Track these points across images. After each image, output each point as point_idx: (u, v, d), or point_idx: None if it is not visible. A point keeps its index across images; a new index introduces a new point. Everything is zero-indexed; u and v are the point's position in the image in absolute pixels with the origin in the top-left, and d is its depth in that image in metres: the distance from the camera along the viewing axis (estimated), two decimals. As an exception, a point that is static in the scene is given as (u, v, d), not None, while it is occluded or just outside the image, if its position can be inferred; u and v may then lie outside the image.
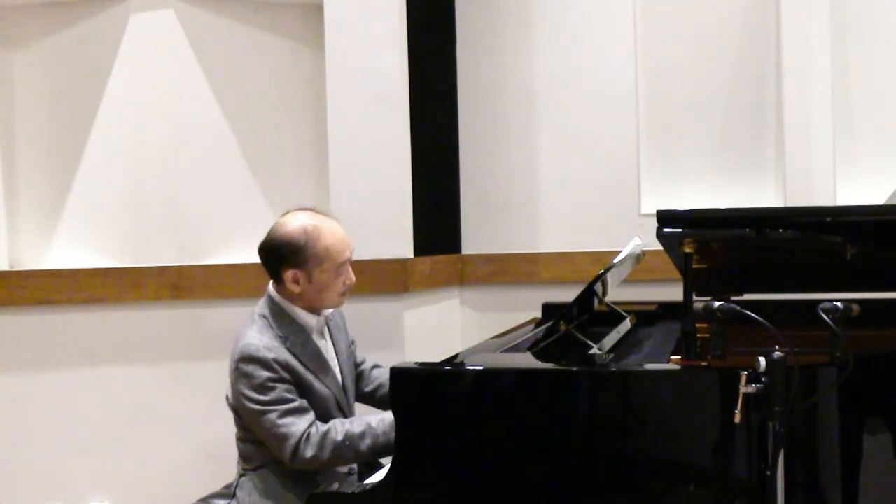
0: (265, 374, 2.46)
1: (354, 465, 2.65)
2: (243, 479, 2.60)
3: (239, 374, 2.48)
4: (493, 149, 4.04)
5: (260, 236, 3.53)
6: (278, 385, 2.46)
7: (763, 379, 1.99)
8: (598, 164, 3.95)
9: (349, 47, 3.39)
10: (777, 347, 2.01)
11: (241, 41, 3.56)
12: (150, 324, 3.43)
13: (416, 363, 2.34)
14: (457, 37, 4.05)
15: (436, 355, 2.46)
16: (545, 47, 3.99)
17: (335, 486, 2.57)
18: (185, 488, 2.95)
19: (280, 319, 2.58)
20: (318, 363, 2.60)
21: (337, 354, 2.73)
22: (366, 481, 2.54)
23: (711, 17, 3.91)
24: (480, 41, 4.04)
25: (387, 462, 2.40)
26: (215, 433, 3.36)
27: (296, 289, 2.57)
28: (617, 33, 3.93)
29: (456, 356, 2.50)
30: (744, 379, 2.00)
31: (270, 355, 2.47)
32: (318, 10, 3.44)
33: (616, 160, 3.94)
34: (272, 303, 2.61)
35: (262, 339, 2.50)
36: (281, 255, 2.57)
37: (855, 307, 2.16)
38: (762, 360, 2.00)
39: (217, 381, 3.37)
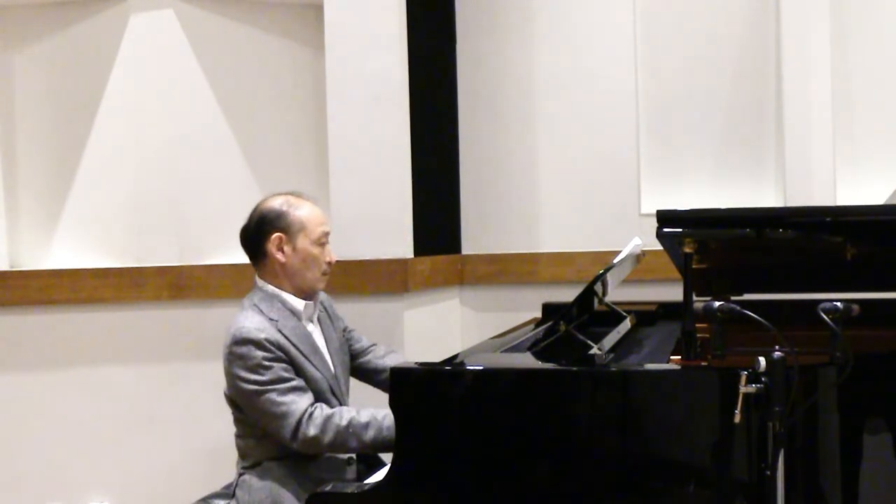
0: (260, 353, 2.46)
1: (354, 467, 2.66)
2: (242, 478, 2.60)
3: (233, 358, 2.48)
4: (493, 149, 4.04)
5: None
6: (274, 364, 2.47)
7: (763, 379, 1.99)
8: (598, 164, 3.95)
9: (349, 47, 3.39)
10: (777, 347, 2.01)
11: (241, 41, 3.57)
12: (150, 324, 3.43)
13: (416, 363, 2.34)
14: (457, 37, 4.05)
15: (436, 355, 2.46)
16: (545, 47, 4.00)
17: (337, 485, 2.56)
18: (185, 488, 2.95)
19: (270, 305, 2.60)
20: (308, 346, 2.60)
21: (327, 343, 2.73)
22: (366, 481, 2.54)
23: (711, 17, 3.91)
24: (480, 41, 4.04)
25: (387, 461, 2.40)
26: (215, 433, 3.37)
27: (280, 257, 2.61)
28: (617, 34, 3.94)
29: (456, 356, 2.50)
30: (744, 379, 2.00)
31: (262, 335, 2.48)
32: (318, 10, 3.44)
33: (616, 160, 3.94)
34: (261, 291, 2.64)
35: (252, 322, 2.52)
36: (264, 222, 2.63)
37: (855, 307, 2.15)
38: (762, 360, 2.00)
39: (217, 381, 3.39)
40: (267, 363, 2.46)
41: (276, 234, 2.61)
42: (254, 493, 2.55)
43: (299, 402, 2.45)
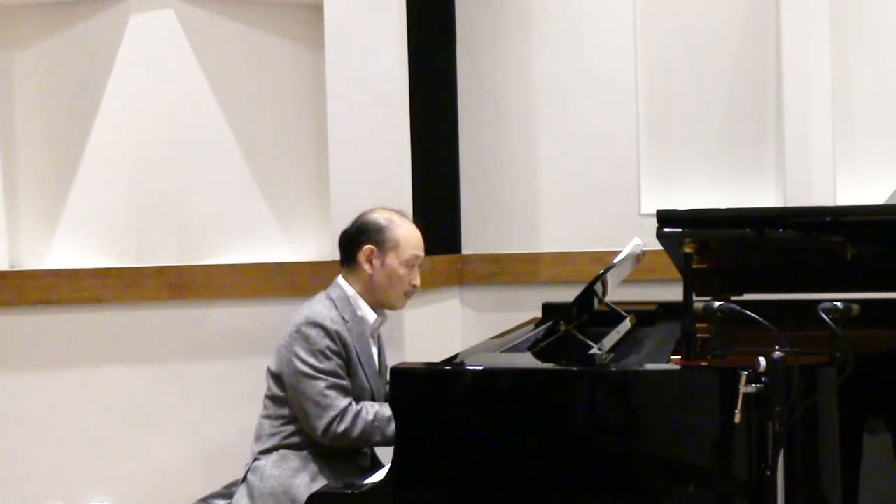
0: (326, 341, 2.57)
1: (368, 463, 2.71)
2: (256, 463, 2.63)
3: (299, 337, 2.58)
4: (494, 149, 4.05)
5: (260, 236, 3.57)
6: (335, 357, 2.58)
7: (763, 379, 1.99)
8: (598, 164, 3.96)
9: (349, 47, 3.39)
10: (777, 347, 2.01)
11: (241, 41, 3.56)
12: (150, 324, 3.43)
13: (416, 363, 2.34)
14: (457, 37, 4.05)
15: (436, 355, 2.47)
16: (545, 47, 4.00)
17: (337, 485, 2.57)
18: (185, 488, 2.96)
19: (344, 305, 2.69)
20: (367, 356, 2.70)
21: (379, 360, 2.82)
22: (365, 481, 2.54)
23: (711, 16, 3.92)
24: (480, 41, 4.04)
25: (387, 462, 2.40)
26: (215, 433, 3.38)
27: (367, 269, 2.70)
28: (617, 33, 3.94)
29: (456, 356, 2.50)
30: (744, 379, 2.00)
31: (334, 327, 2.59)
32: (318, 10, 3.44)
33: (616, 160, 3.94)
34: (340, 289, 2.72)
35: (329, 313, 2.62)
36: (362, 231, 2.73)
37: (855, 307, 2.15)
38: (762, 360, 2.00)
39: (217, 381, 3.40)
40: (329, 353, 2.57)
41: (368, 246, 2.71)
42: (266, 479, 2.58)
43: (341, 401, 2.54)
